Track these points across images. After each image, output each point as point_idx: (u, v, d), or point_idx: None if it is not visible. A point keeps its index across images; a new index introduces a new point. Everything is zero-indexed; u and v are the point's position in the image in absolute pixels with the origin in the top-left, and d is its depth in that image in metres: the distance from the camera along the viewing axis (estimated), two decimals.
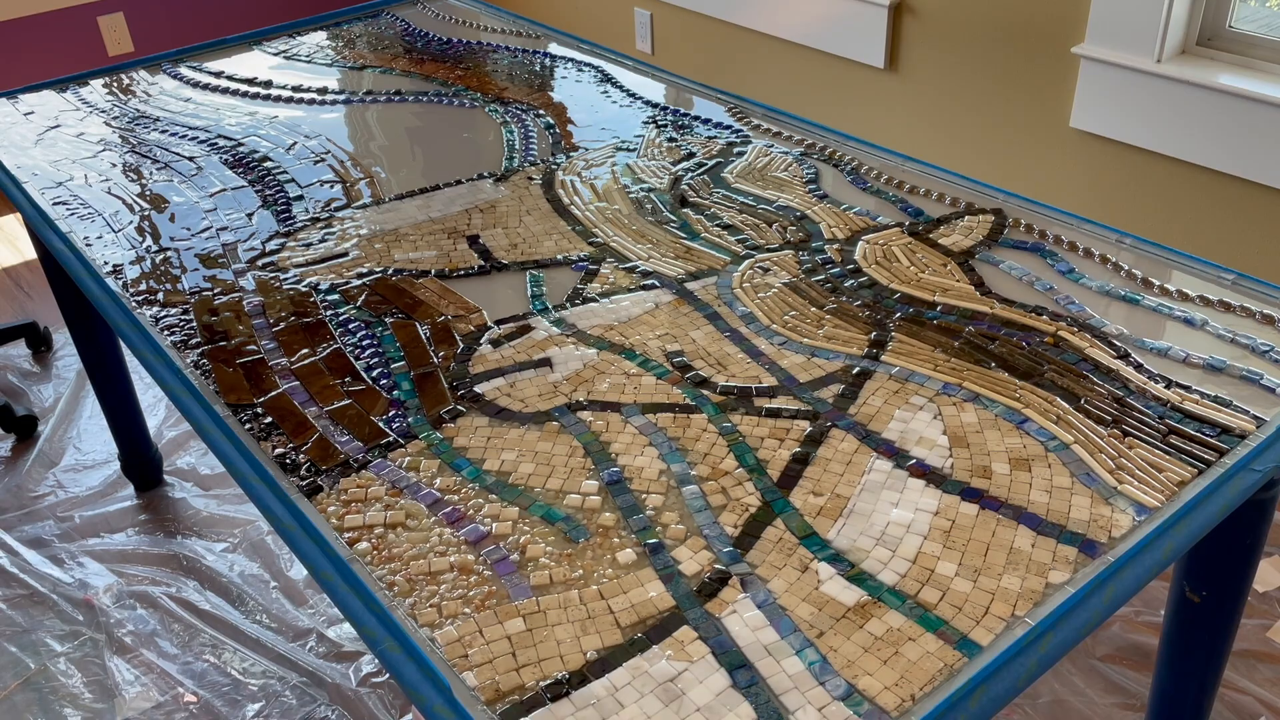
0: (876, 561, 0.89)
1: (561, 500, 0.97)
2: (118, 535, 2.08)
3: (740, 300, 1.24)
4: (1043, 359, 1.11)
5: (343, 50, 2.05)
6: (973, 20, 2.51)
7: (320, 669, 1.78)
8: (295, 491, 0.99)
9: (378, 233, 1.42)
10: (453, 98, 1.82)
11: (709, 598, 0.86)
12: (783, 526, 0.92)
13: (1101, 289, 1.22)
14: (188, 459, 2.27)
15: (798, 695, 0.78)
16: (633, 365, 1.14)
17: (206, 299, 1.29)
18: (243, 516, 2.10)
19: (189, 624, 1.87)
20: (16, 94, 1.91)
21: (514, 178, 1.54)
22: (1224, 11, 2.16)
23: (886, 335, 1.16)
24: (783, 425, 1.04)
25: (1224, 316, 1.17)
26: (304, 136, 1.70)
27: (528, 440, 1.04)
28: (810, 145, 1.59)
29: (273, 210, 1.48)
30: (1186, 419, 1.02)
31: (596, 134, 1.66)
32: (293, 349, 1.19)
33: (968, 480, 0.96)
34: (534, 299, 1.26)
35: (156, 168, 1.62)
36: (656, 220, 1.41)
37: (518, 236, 1.39)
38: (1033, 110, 2.47)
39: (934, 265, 1.28)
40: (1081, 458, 0.98)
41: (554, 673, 0.81)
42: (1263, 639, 1.75)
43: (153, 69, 2.00)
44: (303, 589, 1.93)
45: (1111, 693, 1.68)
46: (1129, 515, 0.92)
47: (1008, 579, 0.86)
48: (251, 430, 1.07)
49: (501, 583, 0.89)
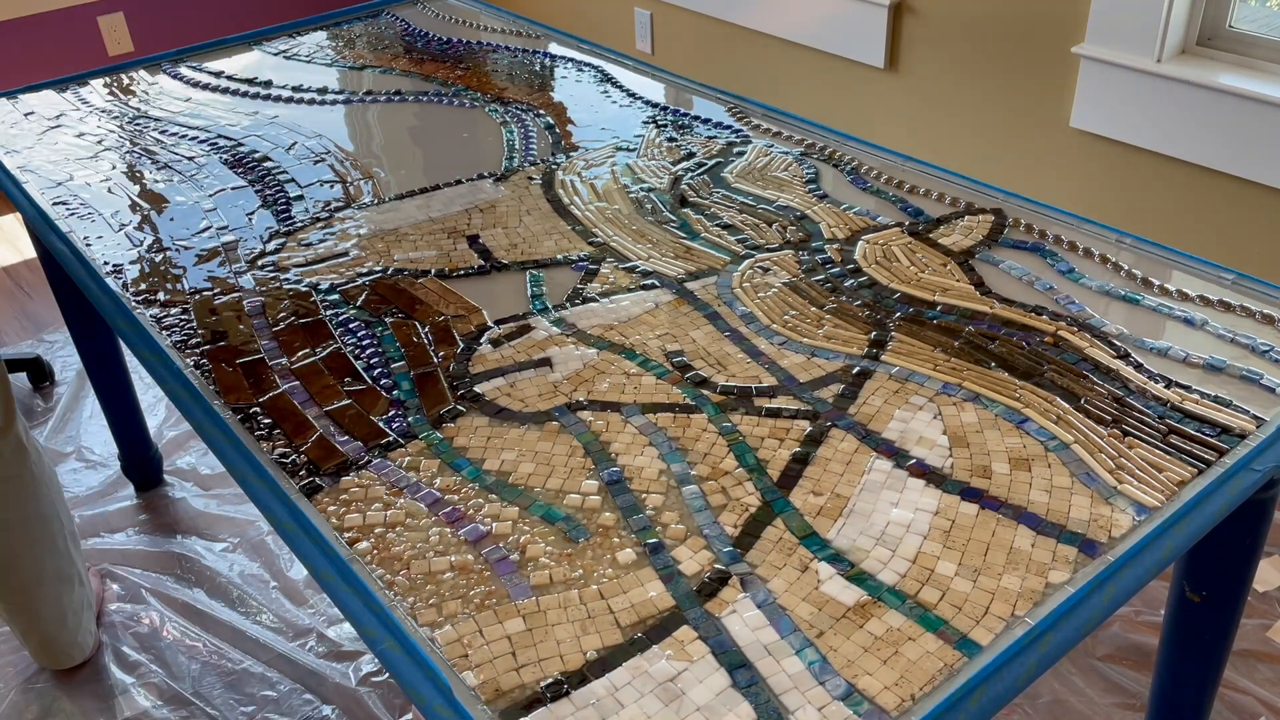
0: (876, 561, 0.89)
1: (561, 500, 0.97)
2: (118, 535, 2.08)
3: (740, 300, 1.24)
4: (1043, 359, 1.11)
5: (343, 50, 2.05)
6: (973, 20, 2.51)
7: (320, 669, 1.78)
8: (295, 491, 0.99)
9: (378, 233, 1.42)
10: (453, 98, 1.82)
11: (709, 598, 0.86)
12: (783, 526, 0.92)
13: (1101, 289, 1.22)
14: (188, 459, 2.27)
15: (798, 695, 0.78)
16: (633, 365, 1.14)
17: (206, 299, 1.29)
18: (243, 516, 2.10)
19: (189, 624, 1.87)
20: (16, 94, 1.91)
21: (514, 178, 1.54)
22: (1224, 11, 2.16)
23: (886, 335, 1.16)
24: (783, 425, 1.04)
25: (1224, 316, 1.17)
26: (304, 136, 1.70)
27: (528, 440, 1.04)
28: (810, 145, 1.59)
29: (273, 210, 1.48)
30: (1186, 419, 1.02)
31: (596, 134, 1.66)
32: (293, 349, 1.19)
33: (968, 480, 0.96)
34: (534, 299, 1.26)
35: (156, 168, 1.62)
36: (656, 220, 1.41)
37: (518, 236, 1.39)
38: (1033, 110, 2.47)
39: (934, 265, 1.28)
40: (1081, 458, 0.98)
41: (554, 672, 0.81)
42: (1263, 639, 1.75)
43: (153, 69, 2.00)
44: (303, 589, 1.93)
45: (1111, 693, 1.68)
46: (1129, 515, 0.92)
47: (1008, 579, 0.86)
48: (251, 430, 1.07)
49: (501, 582, 0.89)
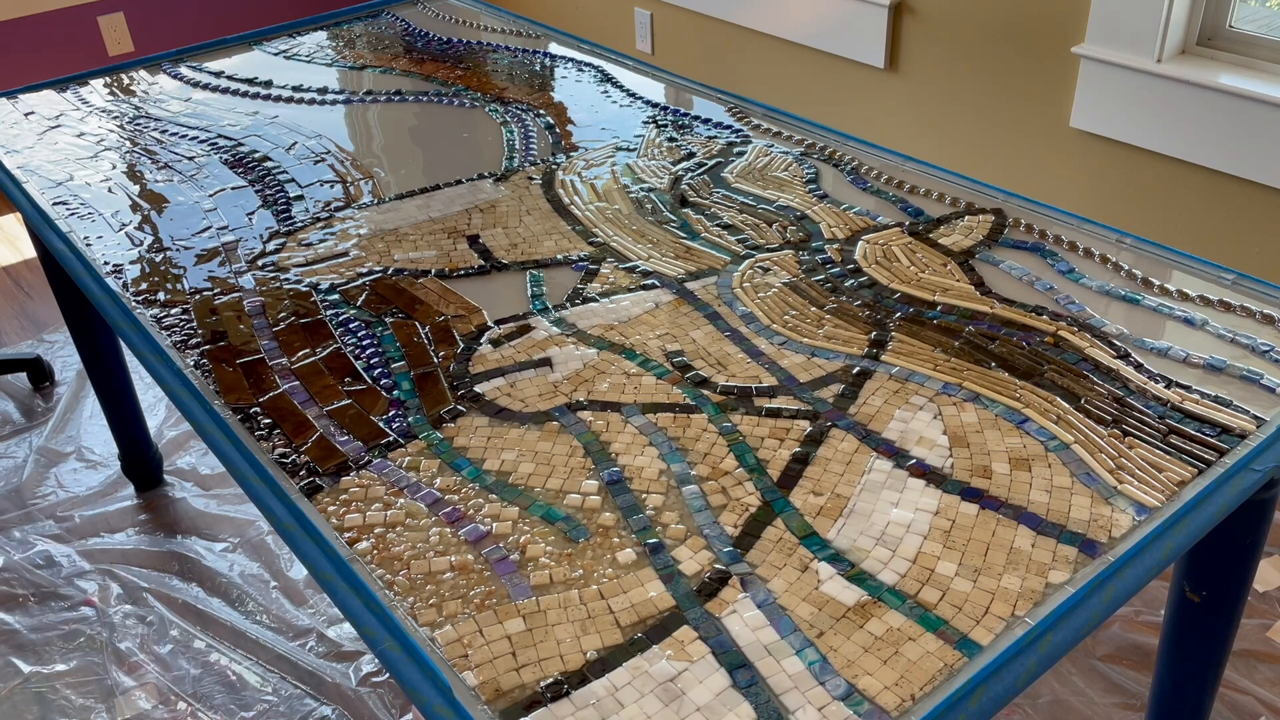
0: (876, 561, 0.89)
1: (561, 500, 0.97)
2: (118, 535, 2.08)
3: (740, 300, 1.24)
4: (1043, 359, 1.11)
5: (343, 50, 2.05)
6: (973, 20, 2.51)
7: (320, 669, 1.78)
8: (295, 491, 0.99)
9: (378, 233, 1.42)
10: (453, 98, 1.82)
11: (709, 598, 0.86)
12: (783, 526, 0.92)
13: (1101, 289, 1.22)
14: (188, 459, 2.27)
15: (798, 695, 0.78)
16: (633, 365, 1.14)
17: (206, 299, 1.29)
18: (243, 516, 2.10)
19: (189, 624, 1.87)
20: (16, 94, 1.91)
21: (514, 178, 1.54)
22: (1224, 11, 2.16)
23: (886, 335, 1.16)
24: (783, 425, 1.04)
25: (1224, 316, 1.17)
26: (304, 136, 1.70)
27: (528, 440, 1.04)
28: (810, 145, 1.59)
29: (273, 210, 1.48)
30: (1186, 419, 1.02)
31: (596, 134, 1.66)
32: (293, 349, 1.19)
33: (968, 480, 0.96)
34: (534, 299, 1.26)
35: (156, 168, 1.62)
36: (656, 220, 1.41)
37: (518, 236, 1.39)
38: (1033, 110, 2.47)
39: (934, 265, 1.28)
40: (1081, 457, 0.98)
41: (554, 672, 0.81)
42: (1263, 639, 1.75)
43: (153, 69, 2.00)
44: (303, 589, 1.93)
45: (1111, 693, 1.68)
46: (1129, 515, 0.92)
47: (1008, 579, 0.86)
48: (251, 430, 1.07)
49: (501, 582, 0.89)
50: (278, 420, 1.09)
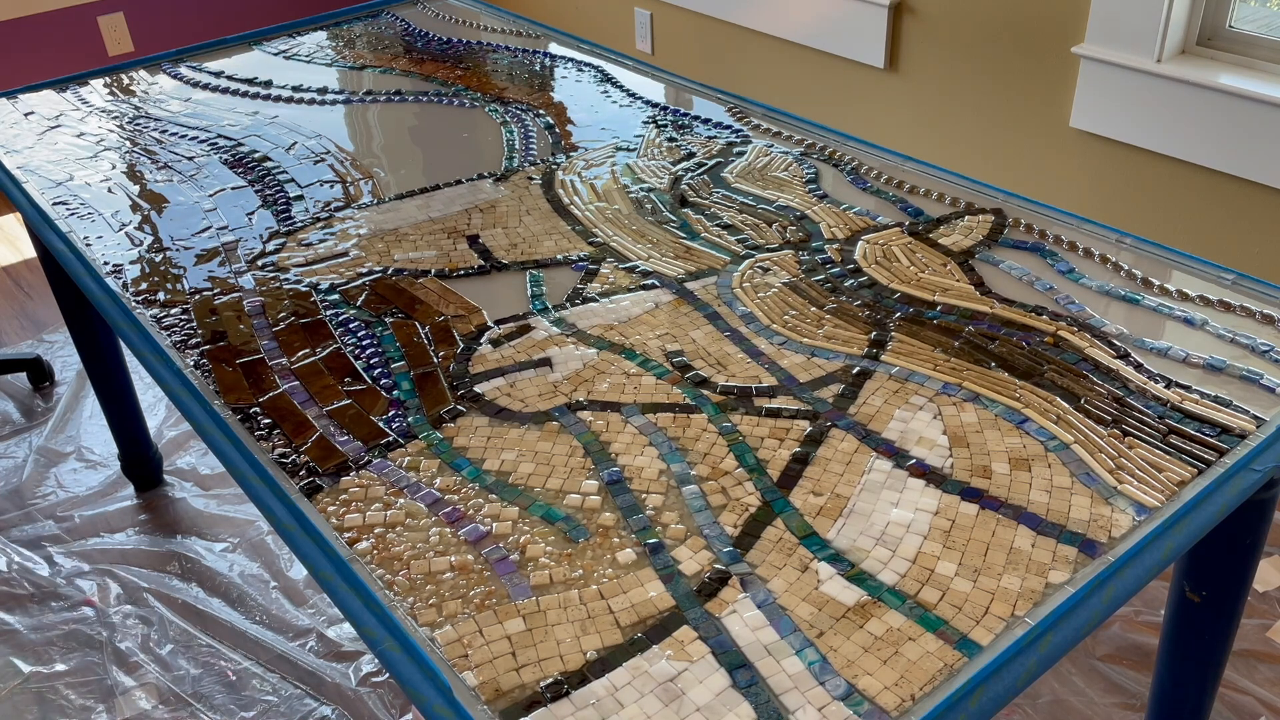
0: (876, 561, 0.89)
1: (561, 500, 0.97)
2: (118, 535, 2.08)
3: (740, 300, 1.24)
4: (1043, 359, 1.11)
5: (343, 50, 2.05)
6: (973, 20, 2.51)
7: (320, 669, 1.78)
8: (295, 491, 0.99)
9: (378, 233, 1.42)
10: (453, 98, 1.82)
11: (709, 598, 0.86)
12: (783, 526, 0.92)
13: (1101, 289, 1.22)
14: (188, 459, 2.27)
15: (798, 695, 0.78)
16: (633, 365, 1.14)
17: (206, 299, 1.29)
18: (243, 516, 2.10)
19: (188, 624, 1.87)
20: (16, 94, 1.91)
21: (514, 178, 1.54)
22: (1224, 11, 2.16)
23: (886, 335, 1.16)
24: (783, 425, 1.04)
25: (1224, 316, 1.17)
26: (304, 136, 1.70)
27: (528, 440, 1.04)
28: (810, 145, 1.59)
29: (273, 210, 1.48)
30: (1186, 419, 1.02)
31: (596, 134, 1.66)
32: (293, 349, 1.19)
33: (968, 480, 0.96)
34: (534, 299, 1.26)
35: (156, 168, 1.62)
36: (656, 220, 1.41)
37: (518, 236, 1.39)
38: (1033, 110, 2.47)
39: (934, 265, 1.28)
40: (1081, 458, 0.98)
41: (554, 672, 0.81)
42: (1263, 639, 1.75)
43: (153, 69, 2.00)
44: (303, 589, 1.93)
45: (1111, 693, 1.68)
46: (1129, 515, 0.92)
47: (1008, 579, 0.86)
48: (251, 430, 1.07)
49: (501, 582, 0.89)
50: (277, 420, 1.09)
